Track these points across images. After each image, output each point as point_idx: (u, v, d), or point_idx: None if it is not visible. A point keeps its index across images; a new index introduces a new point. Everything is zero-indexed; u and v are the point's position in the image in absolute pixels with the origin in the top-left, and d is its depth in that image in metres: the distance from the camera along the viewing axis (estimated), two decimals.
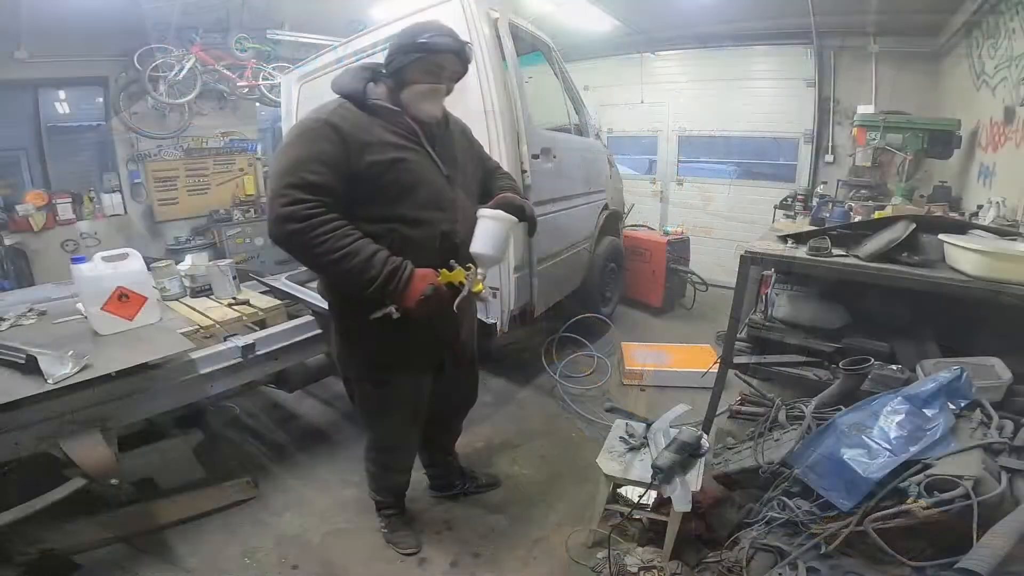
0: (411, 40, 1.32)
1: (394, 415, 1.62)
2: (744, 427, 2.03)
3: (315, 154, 1.24)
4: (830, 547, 1.27)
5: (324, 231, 1.21)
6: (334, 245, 1.22)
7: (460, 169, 1.50)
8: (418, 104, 1.36)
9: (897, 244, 1.69)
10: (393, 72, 1.35)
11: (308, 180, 1.21)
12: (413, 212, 1.36)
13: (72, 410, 1.49)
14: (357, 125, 1.29)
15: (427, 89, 1.35)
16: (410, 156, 1.35)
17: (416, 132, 1.37)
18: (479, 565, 1.75)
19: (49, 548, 1.64)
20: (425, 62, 1.32)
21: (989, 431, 1.31)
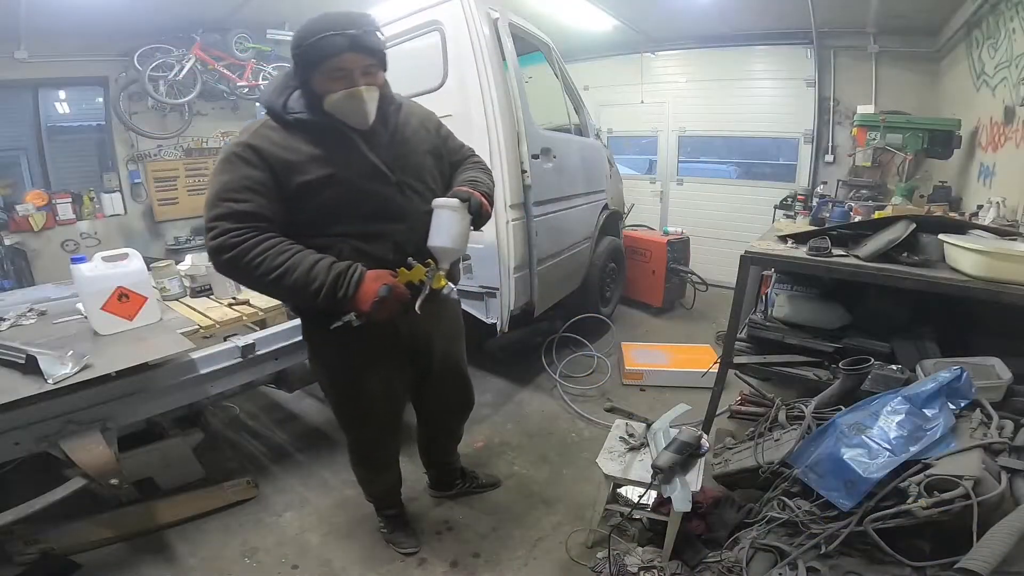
0: (299, 47, 1.18)
1: (365, 421, 1.57)
2: (744, 427, 2.03)
3: (239, 180, 1.16)
4: (830, 547, 1.27)
5: (257, 253, 1.14)
6: (271, 264, 1.14)
7: (414, 172, 1.37)
8: (341, 114, 1.23)
9: (897, 244, 1.69)
10: (303, 85, 1.23)
11: (235, 209, 1.15)
12: (361, 227, 1.27)
13: (72, 410, 1.49)
14: (280, 144, 1.20)
15: (341, 98, 1.20)
16: (343, 170, 1.24)
17: (350, 140, 1.26)
18: (479, 565, 1.75)
19: (49, 548, 1.64)
20: (323, 69, 1.18)
21: (989, 431, 1.31)
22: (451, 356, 1.67)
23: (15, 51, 3.79)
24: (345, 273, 1.18)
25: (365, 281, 1.20)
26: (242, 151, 1.18)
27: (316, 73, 1.19)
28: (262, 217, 1.18)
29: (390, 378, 1.51)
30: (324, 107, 1.22)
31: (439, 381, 1.65)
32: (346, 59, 1.18)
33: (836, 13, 3.84)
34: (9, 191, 4.09)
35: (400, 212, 1.32)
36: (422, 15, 2.57)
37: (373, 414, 1.55)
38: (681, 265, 4.20)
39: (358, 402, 1.52)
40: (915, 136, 3.15)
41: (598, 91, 5.42)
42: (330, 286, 1.16)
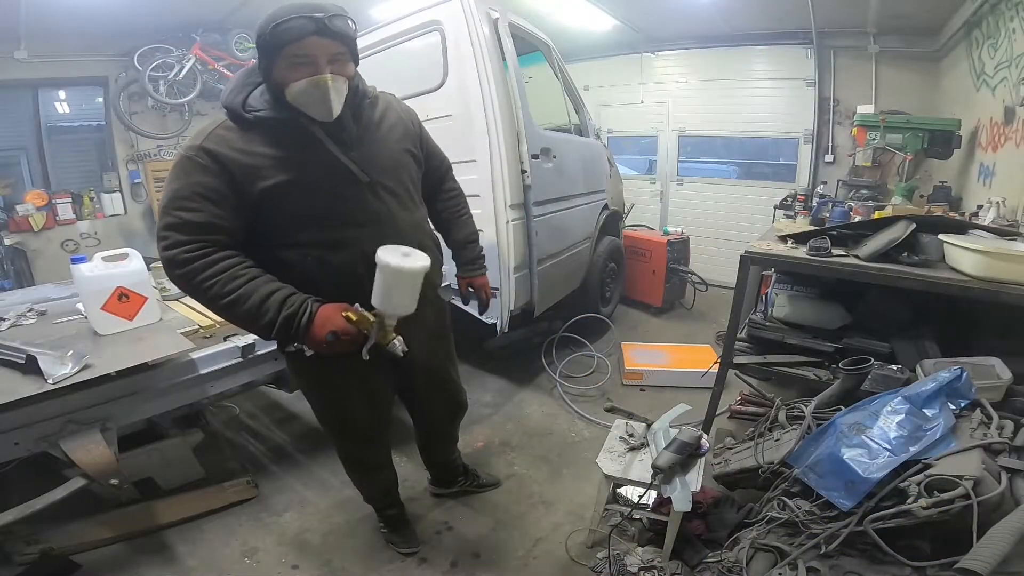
0: (262, 34, 1.08)
1: (347, 431, 1.55)
2: (744, 427, 2.03)
3: (191, 188, 1.08)
4: (830, 547, 1.27)
5: (209, 275, 1.07)
6: (221, 290, 1.08)
7: (390, 172, 1.29)
8: (305, 105, 1.12)
9: (897, 244, 1.69)
10: (265, 76, 1.14)
11: (185, 219, 1.07)
12: (327, 234, 1.20)
13: (72, 410, 1.49)
14: (238, 147, 1.11)
15: (305, 86, 1.10)
16: (309, 172, 1.16)
17: (315, 139, 1.16)
18: (479, 565, 1.75)
19: (49, 548, 1.64)
20: (287, 56, 1.08)
21: (989, 431, 1.31)
22: (435, 364, 1.61)
23: (15, 51, 3.79)
24: (297, 313, 1.11)
25: (314, 324, 1.12)
26: (196, 155, 1.09)
27: (279, 60, 1.09)
28: (217, 228, 1.10)
29: (370, 389, 1.45)
30: (287, 99, 1.11)
31: (425, 389, 1.63)
32: (310, 43, 1.07)
33: (836, 13, 3.84)
34: (9, 191, 4.09)
35: (373, 216, 1.23)
36: (422, 15, 2.57)
37: (355, 424, 1.52)
38: (681, 265, 4.20)
39: (338, 413, 1.50)
40: (915, 136, 3.15)
41: (598, 91, 5.42)
42: (281, 325, 1.10)
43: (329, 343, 1.12)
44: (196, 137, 1.12)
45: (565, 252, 3.08)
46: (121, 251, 1.85)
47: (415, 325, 1.32)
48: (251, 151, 1.12)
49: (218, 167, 1.09)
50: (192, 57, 4.36)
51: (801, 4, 3.77)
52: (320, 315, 1.13)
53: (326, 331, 1.12)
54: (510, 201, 2.47)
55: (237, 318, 1.12)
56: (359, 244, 1.21)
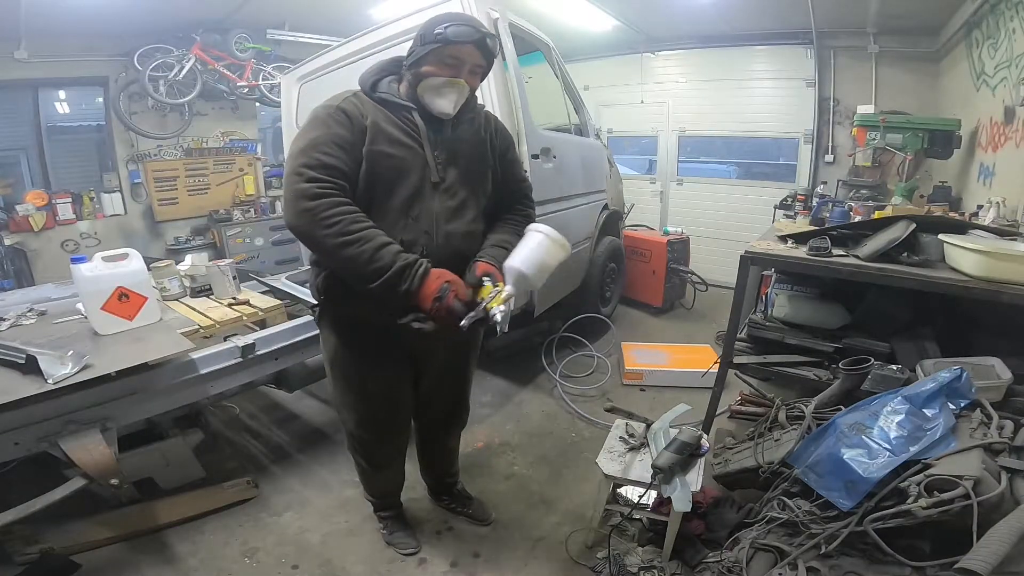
0: (429, 30, 1.26)
1: (363, 419, 1.56)
2: (744, 427, 2.03)
3: (330, 136, 1.21)
4: (830, 547, 1.27)
5: (335, 213, 1.16)
6: (344, 228, 1.16)
7: (461, 180, 1.37)
8: (431, 98, 1.28)
9: (897, 244, 1.69)
10: (411, 64, 1.30)
11: (322, 161, 1.18)
12: (385, 215, 1.28)
13: (72, 410, 1.49)
14: (364, 113, 1.26)
15: (442, 83, 1.27)
16: (403, 153, 1.28)
17: (418, 129, 1.31)
18: (479, 565, 1.75)
19: (49, 548, 1.64)
20: (441, 53, 1.25)
21: (989, 431, 1.31)
22: (453, 371, 1.65)
23: (15, 51, 3.79)
24: (413, 264, 1.19)
25: (430, 276, 1.21)
26: (334, 112, 1.24)
27: (432, 55, 1.25)
28: (345, 175, 1.21)
29: (392, 381, 1.51)
30: (418, 90, 1.28)
31: (432, 390, 1.63)
32: (465, 50, 1.26)
33: (836, 13, 3.84)
34: (9, 191, 4.09)
35: (424, 211, 1.31)
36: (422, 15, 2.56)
37: (371, 411, 1.54)
38: (681, 265, 4.20)
39: (357, 398, 1.53)
40: (915, 136, 3.15)
41: (598, 91, 5.42)
42: (394, 273, 1.17)
43: (441, 296, 1.19)
44: (333, 100, 1.27)
45: None
46: (121, 251, 1.85)
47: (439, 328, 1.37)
48: (371, 120, 1.26)
49: (351, 124, 1.23)
50: (192, 57, 4.35)
51: (801, 4, 3.77)
52: (434, 271, 1.22)
53: (442, 281, 1.20)
54: None
55: (349, 259, 1.17)
56: (402, 232, 1.28)
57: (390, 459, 1.71)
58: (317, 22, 4.56)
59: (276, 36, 4.68)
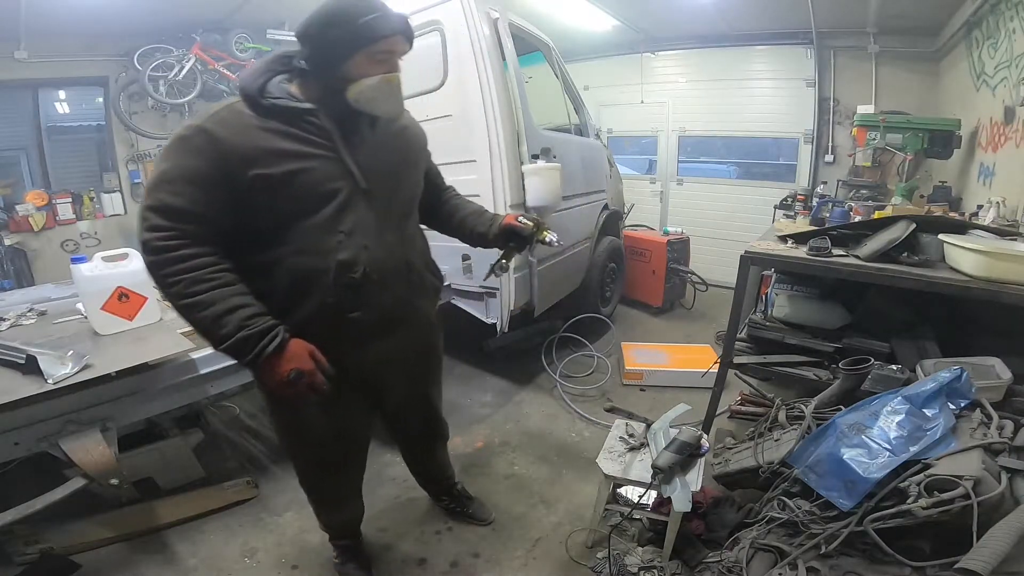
0: (344, 24, 1.04)
1: (309, 459, 1.43)
2: (744, 427, 2.03)
3: (180, 170, 1.01)
4: (830, 547, 1.27)
5: (177, 270, 1.00)
6: (184, 290, 1.00)
7: (391, 185, 1.24)
8: (371, 103, 1.11)
9: (897, 244, 1.69)
10: (324, 68, 1.09)
11: (167, 203, 1.00)
12: (307, 236, 1.11)
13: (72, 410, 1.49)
14: (241, 132, 1.04)
15: (379, 82, 1.09)
16: (315, 165, 1.09)
17: (329, 134, 1.11)
18: (479, 565, 1.75)
19: (49, 548, 1.64)
20: (374, 50, 1.07)
21: (989, 431, 1.31)
22: (416, 389, 1.53)
23: (15, 51, 3.79)
24: (253, 337, 1.03)
25: (283, 355, 1.06)
26: (192, 135, 1.02)
27: (360, 55, 1.07)
28: (198, 218, 1.02)
29: (339, 417, 1.33)
30: (348, 96, 1.09)
31: (399, 418, 1.56)
32: (395, 42, 1.11)
33: (836, 13, 3.84)
34: (9, 191, 4.09)
35: (358, 224, 1.15)
36: (422, 15, 2.57)
37: (318, 454, 1.40)
38: (681, 265, 4.20)
39: (301, 439, 1.38)
40: (915, 136, 3.15)
41: (598, 91, 5.42)
42: (235, 344, 1.03)
43: (290, 381, 1.06)
44: (199, 116, 1.06)
45: (565, 252, 3.08)
46: (121, 251, 1.85)
47: (398, 343, 1.31)
48: (255, 136, 1.05)
49: (213, 150, 1.02)
50: (192, 57, 4.36)
51: (801, 4, 3.77)
52: (292, 348, 1.07)
53: (291, 367, 1.06)
54: (510, 201, 2.47)
55: (194, 324, 1.05)
56: (336, 253, 1.13)
57: (342, 495, 1.56)
58: None
59: (276, 36, 4.67)
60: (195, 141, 1.02)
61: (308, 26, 1.07)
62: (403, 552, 1.80)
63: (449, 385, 3.00)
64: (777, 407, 1.82)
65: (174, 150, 1.03)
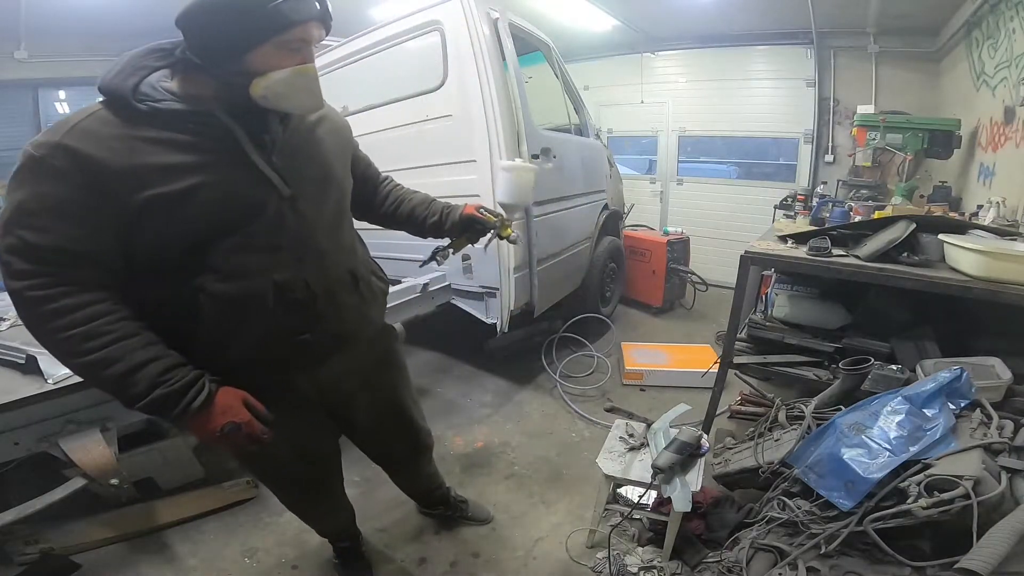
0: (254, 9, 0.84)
1: (278, 484, 1.39)
2: (744, 427, 2.03)
3: (40, 200, 0.82)
4: (830, 547, 1.27)
5: (61, 325, 0.83)
6: (77, 347, 0.84)
7: (318, 186, 1.08)
8: (283, 97, 0.92)
9: (897, 244, 1.69)
10: (220, 60, 0.89)
11: (30, 243, 0.81)
12: (229, 259, 0.94)
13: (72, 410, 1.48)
14: (115, 145, 0.84)
15: (292, 75, 0.91)
16: (217, 176, 0.91)
17: (231, 136, 0.93)
18: (479, 565, 1.75)
19: (49, 548, 1.64)
20: (283, 41, 0.88)
21: (989, 431, 1.31)
22: (383, 402, 1.39)
23: (15, 51, 3.80)
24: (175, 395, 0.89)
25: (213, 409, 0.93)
26: (47, 155, 0.81)
27: (265, 44, 0.87)
28: (72, 257, 0.84)
29: (302, 439, 1.23)
30: (253, 91, 0.90)
31: (373, 433, 1.43)
32: (310, 28, 0.91)
33: (836, 13, 3.84)
34: None
35: (291, 238, 1.00)
36: (422, 15, 2.57)
37: (286, 478, 1.34)
38: (681, 265, 4.21)
39: (267, 468, 1.31)
40: (915, 136, 3.15)
41: (598, 91, 5.42)
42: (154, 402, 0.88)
43: (225, 435, 0.94)
44: (53, 131, 0.84)
45: (565, 252, 3.08)
46: None
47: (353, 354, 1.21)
48: (135, 149, 0.85)
49: (80, 172, 0.82)
50: None
51: (801, 4, 3.77)
52: (221, 399, 0.94)
53: (224, 420, 0.94)
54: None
55: (99, 384, 0.90)
56: (270, 272, 0.98)
57: (323, 509, 1.52)
58: None
59: None
60: (52, 163, 0.81)
61: (197, 8, 0.87)
62: (403, 552, 1.80)
63: (449, 385, 3.02)
64: (777, 407, 1.82)
65: (26, 175, 0.83)
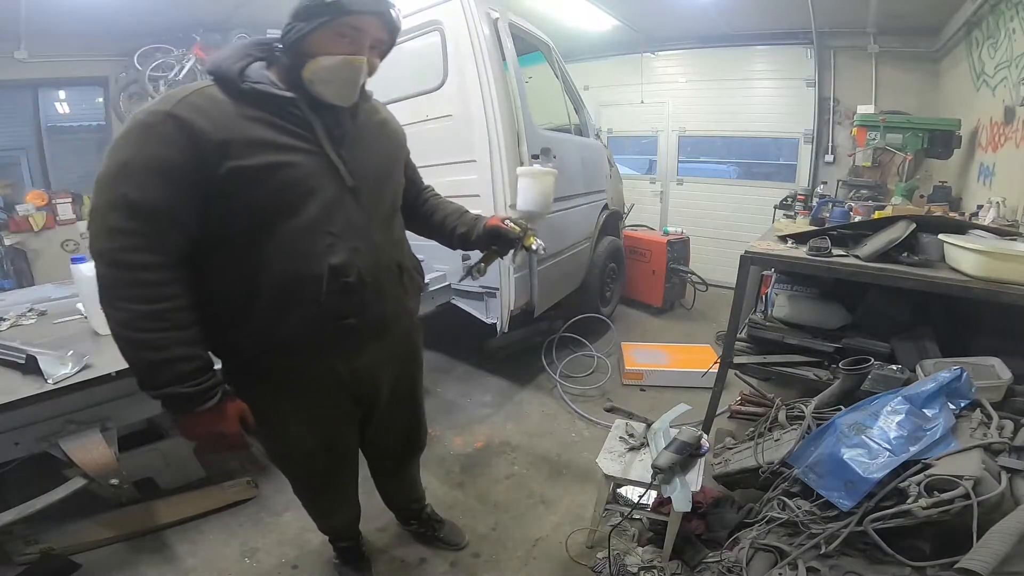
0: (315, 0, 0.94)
1: (302, 474, 1.38)
2: (744, 427, 2.03)
3: (146, 160, 0.88)
4: (830, 547, 1.27)
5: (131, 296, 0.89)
6: (131, 322, 0.90)
7: (378, 181, 1.15)
8: (323, 83, 0.99)
9: (897, 244, 1.69)
10: (291, 44, 0.98)
11: (131, 199, 0.87)
12: (292, 239, 1.01)
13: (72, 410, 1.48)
14: (217, 119, 0.92)
15: (338, 62, 0.97)
16: (297, 159, 0.99)
17: (310, 126, 1.01)
18: (479, 565, 1.75)
19: (49, 548, 1.64)
20: (336, 24, 0.95)
21: (989, 431, 1.31)
22: (403, 390, 1.42)
23: (15, 51, 3.80)
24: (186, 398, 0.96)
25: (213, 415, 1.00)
26: (159, 122, 0.88)
27: (322, 28, 0.95)
28: (165, 217, 0.91)
29: (331, 428, 1.28)
30: (304, 74, 0.98)
31: (385, 424, 1.42)
32: (366, 21, 0.98)
33: (836, 13, 3.84)
34: (9, 191, 4.09)
35: (347, 226, 1.06)
36: (422, 15, 2.57)
37: (312, 468, 1.34)
38: (681, 265, 4.21)
39: (291, 455, 1.32)
40: (915, 136, 3.15)
41: (598, 91, 5.43)
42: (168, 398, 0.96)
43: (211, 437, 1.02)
44: (164, 101, 0.91)
45: (565, 252, 3.08)
46: None
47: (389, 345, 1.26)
48: (232, 124, 0.94)
49: (185, 139, 0.89)
50: (192, 57, 4.35)
51: (801, 4, 3.77)
52: (226, 410, 1.02)
53: (216, 428, 1.01)
54: (510, 201, 2.47)
55: (127, 358, 0.95)
56: (327, 256, 1.03)
57: (338, 503, 1.52)
58: None
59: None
60: (163, 128, 0.88)
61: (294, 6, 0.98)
62: (403, 552, 1.80)
63: (449, 385, 3.02)
64: (777, 407, 1.82)
65: (135, 137, 0.89)
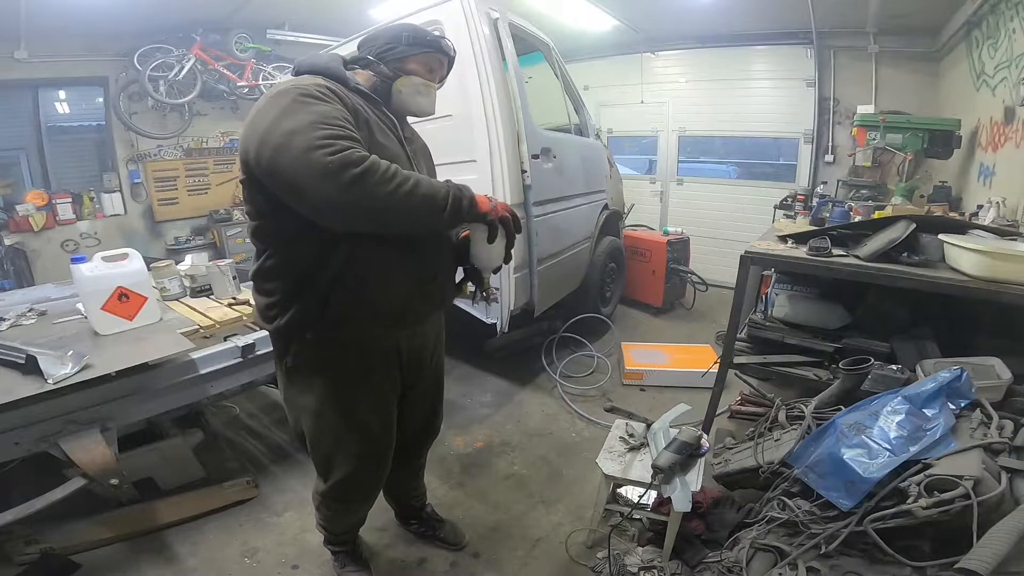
0: (420, 34, 1.27)
1: (357, 457, 1.34)
2: (744, 427, 2.03)
3: (334, 111, 1.04)
4: (830, 547, 1.27)
5: (386, 167, 1.00)
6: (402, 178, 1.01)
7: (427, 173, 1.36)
8: (411, 96, 1.28)
9: (897, 244, 1.69)
10: (392, 60, 1.25)
11: (349, 132, 1.02)
12: None
13: (72, 410, 1.49)
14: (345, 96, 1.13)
15: (422, 83, 1.28)
16: (392, 145, 1.20)
17: (395, 125, 1.26)
18: (479, 565, 1.75)
19: (49, 548, 1.64)
20: (430, 58, 1.28)
21: (989, 431, 1.31)
22: (435, 367, 1.53)
23: (15, 51, 3.79)
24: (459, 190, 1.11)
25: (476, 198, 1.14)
26: (316, 87, 1.06)
27: (419, 55, 1.26)
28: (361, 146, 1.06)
29: (390, 405, 1.36)
30: (396, 84, 1.26)
31: (415, 399, 1.47)
32: (443, 61, 1.32)
33: (836, 13, 3.84)
34: (9, 191, 4.09)
35: None
36: (422, 15, 2.57)
37: (371, 450, 1.35)
38: (681, 265, 4.21)
39: (359, 437, 1.32)
40: (915, 136, 3.15)
41: (598, 91, 5.43)
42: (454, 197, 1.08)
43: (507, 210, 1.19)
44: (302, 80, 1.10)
45: (565, 252, 3.08)
46: (121, 251, 1.85)
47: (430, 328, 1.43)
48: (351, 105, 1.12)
49: (339, 102, 1.08)
50: (192, 57, 4.35)
51: (801, 4, 3.77)
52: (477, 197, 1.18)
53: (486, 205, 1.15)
54: (510, 201, 2.47)
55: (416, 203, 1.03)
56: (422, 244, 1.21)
57: (371, 500, 1.52)
58: (317, 22, 4.56)
59: (276, 36, 4.67)
60: (319, 92, 1.05)
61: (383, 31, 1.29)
62: (403, 552, 1.80)
63: (449, 385, 2.99)
64: (777, 407, 1.82)
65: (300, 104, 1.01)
